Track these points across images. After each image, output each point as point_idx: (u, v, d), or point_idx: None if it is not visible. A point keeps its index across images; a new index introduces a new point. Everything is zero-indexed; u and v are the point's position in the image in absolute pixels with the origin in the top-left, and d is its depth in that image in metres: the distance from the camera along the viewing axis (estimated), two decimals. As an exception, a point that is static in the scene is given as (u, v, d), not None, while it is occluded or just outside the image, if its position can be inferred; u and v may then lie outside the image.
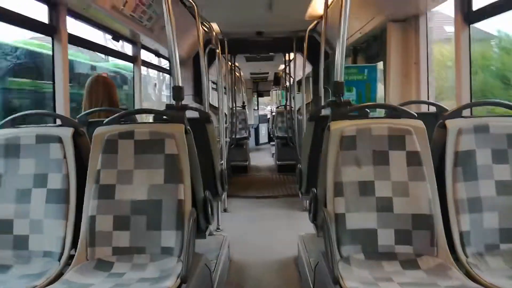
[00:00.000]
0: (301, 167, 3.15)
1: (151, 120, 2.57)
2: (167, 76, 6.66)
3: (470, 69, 2.99)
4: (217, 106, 5.63)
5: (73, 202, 1.99)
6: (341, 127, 2.03)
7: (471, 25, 2.96)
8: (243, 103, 11.41)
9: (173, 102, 2.23)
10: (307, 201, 2.62)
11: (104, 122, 2.13)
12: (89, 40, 3.54)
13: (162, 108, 2.31)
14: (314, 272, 2.41)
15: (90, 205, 1.95)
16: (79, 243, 1.92)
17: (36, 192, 1.99)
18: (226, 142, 5.61)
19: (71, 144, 2.05)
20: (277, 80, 12.94)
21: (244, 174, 7.93)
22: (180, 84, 2.18)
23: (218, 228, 4.30)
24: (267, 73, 13.19)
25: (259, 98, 16.62)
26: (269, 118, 13.86)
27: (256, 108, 15.65)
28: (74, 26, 3.18)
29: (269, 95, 17.50)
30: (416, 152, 1.96)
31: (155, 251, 1.91)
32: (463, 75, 2.96)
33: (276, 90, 15.59)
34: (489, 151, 1.97)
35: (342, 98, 2.18)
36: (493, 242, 1.88)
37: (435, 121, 2.17)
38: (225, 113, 6.11)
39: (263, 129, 14.31)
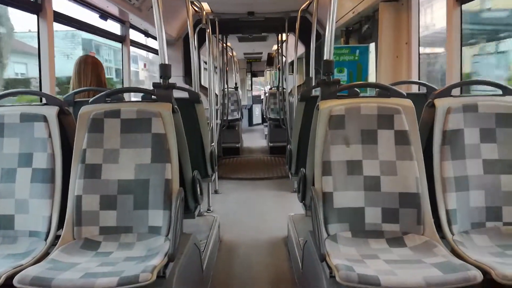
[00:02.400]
0: (291, 147, 3.14)
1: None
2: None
3: (460, 49, 2.98)
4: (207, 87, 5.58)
5: (58, 181, 1.97)
6: (330, 106, 2.02)
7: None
8: (236, 83, 11.31)
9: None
10: (297, 181, 2.62)
11: (90, 101, 2.09)
12: (75, 18, 3.47)
13: None
14: (302, 251, 2.43)
15: (76, 184, 1.93)
16: (65, 222, 1.90)
17: (21, 171, 1.97)
18: (216, 124, 5.58)
19: (56, 123, 2.02)
20: (271, 61, 12.81)
21: (236, 156, 7.92)
22: (167, 62, 2.15)
23: (208, 209, 4.31)
24: (261, 53, 13.06)
25: (253, 78, 16.51)
26: (263, 99, 13.79)
27: (249, 88, 15.54)
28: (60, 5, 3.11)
29: (263, 76, 17.36)
30: (404, 131, 1.96)
31: (143, 230, 1.90)
32: (454, 55, 2.95)
33: (269, 70, 15.46)
34: (477, 130, 1.97)
35: (332, 77, 2.17)
36: (479, 220, 1.90)
37: (425, 101, 2.17)
38: (216, 94, 6.06)
39: (257, 110, 14.24)
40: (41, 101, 2.58)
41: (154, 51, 6.01)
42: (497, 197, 1.92)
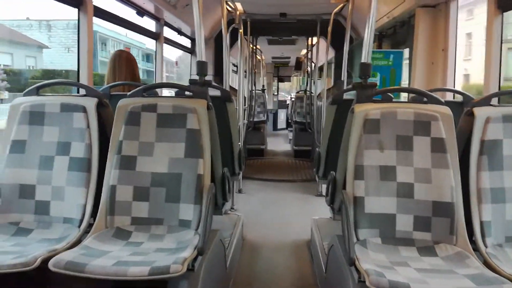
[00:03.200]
0: (319, 150, 3.13)
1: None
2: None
3: (500, 58, 2.90)
4: (236, 88, 5.61)
5: (94, 171, 2.02)
6: (365, 109, 2.00)
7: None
8: (263, 86, 11.34)
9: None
10: (324, 185, 2.61)
11: (128, 94, 2.14)
12: (113, 14, 3.55)
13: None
14: (327, 255, 2.41)
15: (111, 175, 1.97)
16: (99, 211, 1.95)
17: (59, 159, 2.03)
18: (244, 124, 5.60)
19: (94, 114, 2.08)
20: (299, 65, 12.80)
21: (260, 157, 7.93)
22: (204, 59, 2.17)
23: (232, 208, 4.33)
24: (289, 57, 13.04)
25: (279, 84, 16.51)
26: (288, 104, 13.78)
27: (275, 93, 15.55)
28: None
29: (289, 81, 17.36)
30: (441, 138, 1.92)
31: (173, 223, 1.93)
32: (493, 64, 2.87)
33: (296, 75, 15.43)
34: None
35: (367, 80, 2.14)
36: None
37: (461, 109, 2.12)
38: (244, 96, 6.09)
39: (282, 115, 14.25)
40: (78, 92, 2.65)
41: (185, 49, 6.08)
42: None
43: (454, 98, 3.35)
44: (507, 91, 2.59)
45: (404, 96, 3.86)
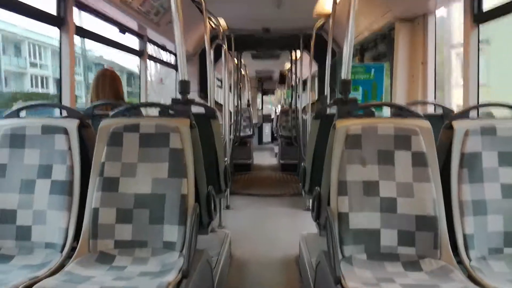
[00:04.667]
0: (305, 165, 3.14)
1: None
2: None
3: (478, 70, 2.97)
4: (222, 103, 5.62)
5: (76, 194, 1.99)
6: (346, 125, 2.02)
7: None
8: (248, 101, 11.41)
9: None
10: (310, 200, 2.61)
11: (111, 115, 2.12)
12: (95, 33, 3.54)
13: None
14: (315, 272, 2.40)
15: (93, 197, 1.95)
16: (81, 235, 1.91)
17: (40, 183, 2.00)
18: (230, 139, 5.60)
19: (76, 136, 2.05)
20: (283, 79, 12.93)
21: (247, 172, 7.92)
22: (186, 78, 2.18)
23: (220, 225, 4.30)
24: (273, 71, 13.15)
25: (264, 97, 16.62)
26: (273, 118, 13.85)
27: (260, 107, 15.63)
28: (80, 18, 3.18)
29: (273, 94, 17.49)
30: (421, 152, 1.94)
31: (157, 245, 1.90)
32: (471, 76, 2.93)
33: (280, 89, 15.57)
34: (495, 153, 1.95)
35: (348, 96, 2.17)
36: (497, 246, 1.86)
37: (441, 122, 2.15)
38: (230, 111, 6.11)
39: (267, 129, 14.33)
40: (61, 113, 2.63)
41: (169, 65, 6.09)
42: None
43: (435, 111, 3.41)
44: (485, 104, 2.64)
45: (388, 109, 3.92)
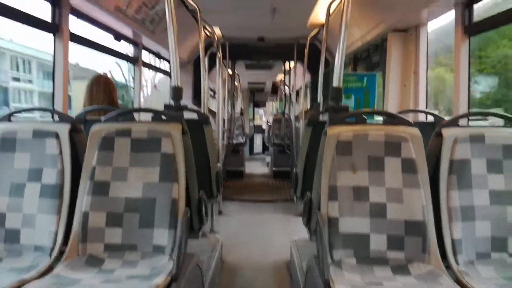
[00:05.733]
0: (297, 171, 3.16)
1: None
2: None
3: (468, 80, 3.02)
4: (215, 110, 5.65)
5: (66, 197, 1.99)
6: (338, 132, 2.04)
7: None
8: (241, 109, 11.47)
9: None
10: (302, 205, 2.63)
11: (103, 120, 2.13)
12: (90, 40, 3.56)
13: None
14: (305, 276, 2.41)
15: (83, 201, 1.94)
16: (70, 238, 1.91)
17: (30, 186, 1.99)
18: (223, 144, 5.61)
19: (67, 140, 2.06)
20: (275, 89, 13.00)
21: (240, 179, 7.94)
22: (179, 85, 2.19)
23: (212, 230, 4.29)
24: (264, 83, 13.25)
25: (256, 109, 16.72)
26: (264, 128, 13.91)
27: (252, 118, 15.71)
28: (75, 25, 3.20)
29: (265, 106, 17.61)
30: (411, 159, 1.97)
31: (147, 249, 1.90)
32: (461, 85, 2.98)
33: (272, 101, 15.67)
34: (484, 161, 1.97)
35: (340, 103, 2.20)
36: (485, 251, 1.88)
37: (432, 130, 2.18)
38: (223, 119, 6.14)
39: (258, 139, 14.37)
40: (53, 118, 2.64)
41: (162, 72, 6.12)
42: (503, 228, 1.90)
43: (426, 119, 3.45)
44: (475, 112, 2.68)
45: (379, 117, 3.96)
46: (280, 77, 10.40)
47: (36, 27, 2.88)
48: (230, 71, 7.84)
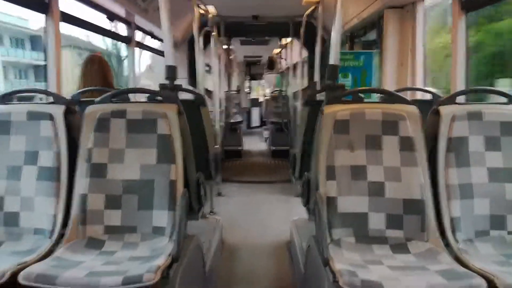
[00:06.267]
0: (295, 152, 3.15)
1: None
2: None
3: (467, 56, 2.99)
4: (211, 90, 5.60)
5: (64, 180, 1.97)
6: (334, 111, 2.02)
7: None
8: (238, 87, 11.35)
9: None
10: (300, 186, 2.63)
11: (96, 100, 2.10)
12: (82, 19, 3.48)
13: None
14: (305, 256, 2.43)
15: (81, 183, 1.94)
16: (70, 221, 1.91)
17: (27, 169, 1.98)
18: (221, 126, 5.58)
19: (62, 122, 2.03)
20: (272, 64, 12.82)
21: (238, 158, 7.91)
22: (173, 63, 2.15)
23: (211, 212, 4.31)
24: (261, 56, 13.07)
25: (253, 81, 16.52)
26: (261, 101, 13.78)
27: (248, 91, 15.55)
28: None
29: (262, 79, 17.37)
30: (409, 137, 1.96)
31: (147, 231, 1.91)
32: (458, 62, 2.95)
33: (269, 73, 15.48)
34: (482, 138, 1.97)
35: (336, 82, 2.18)
36: (484, 229, 1.89)
37: (430, 108, 2.17)
38: (220, 98, 6.09)
39: (255, 113, 14.23)
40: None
41: (158, 53, 6.04)
42: (501, 205, 1.91)
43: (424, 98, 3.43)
44: (472, 89, 2.67)
45: (377, 95, 3.94)
46: (276, 51, 10.27)
47: (26, 7, 2.81)
48: (225, 48, 7.74)
